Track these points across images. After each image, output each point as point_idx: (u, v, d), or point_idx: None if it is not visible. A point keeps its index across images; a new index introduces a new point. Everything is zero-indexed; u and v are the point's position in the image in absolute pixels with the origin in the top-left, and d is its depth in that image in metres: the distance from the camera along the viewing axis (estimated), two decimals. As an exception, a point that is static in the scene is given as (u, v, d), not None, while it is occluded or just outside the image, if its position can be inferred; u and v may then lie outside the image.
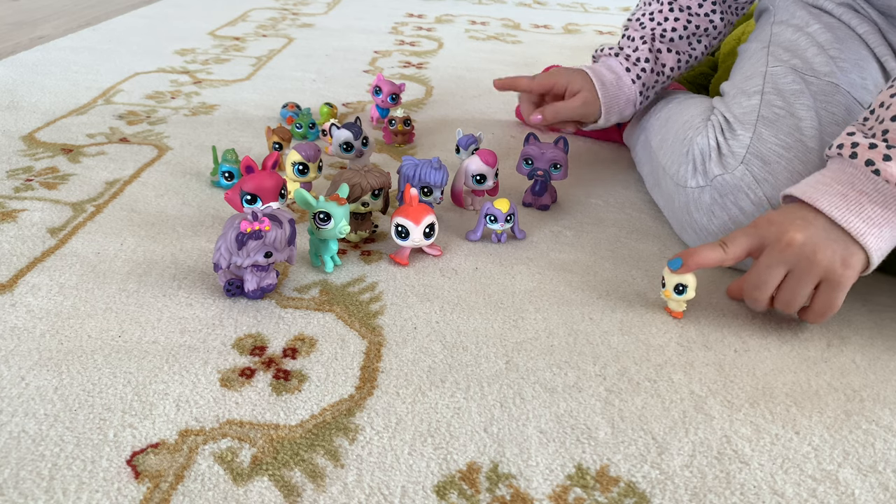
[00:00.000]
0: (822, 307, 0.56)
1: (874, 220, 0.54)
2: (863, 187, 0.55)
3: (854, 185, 0.55)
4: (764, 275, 0.56)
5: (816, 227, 0.55)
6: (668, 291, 0.59)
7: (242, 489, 0.41)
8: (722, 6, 0.82)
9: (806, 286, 0.55)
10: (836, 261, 0.54)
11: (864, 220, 0.54)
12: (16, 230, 0.67)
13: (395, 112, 0.93)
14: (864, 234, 0.54)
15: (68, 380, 0.48)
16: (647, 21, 0.83)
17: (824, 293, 0.55)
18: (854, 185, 0.55)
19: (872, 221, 0.54)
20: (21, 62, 1.19)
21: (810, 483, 0.44)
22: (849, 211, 0.54)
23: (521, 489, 0.42)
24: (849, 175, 0.55)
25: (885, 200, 0.54)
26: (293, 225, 0.57)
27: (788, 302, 0.56)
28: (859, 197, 0.55)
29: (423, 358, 0.53)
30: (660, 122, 0.83)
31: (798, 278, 0.55)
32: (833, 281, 0.55)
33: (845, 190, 0.55)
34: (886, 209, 0.54)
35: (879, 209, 0.54)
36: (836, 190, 0.55)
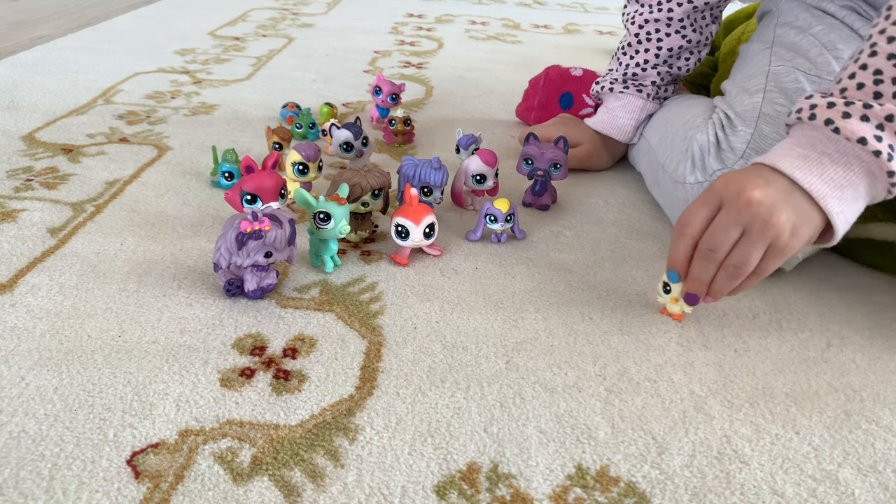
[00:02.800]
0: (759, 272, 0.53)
1: (836, 181, 0.52)
2: (824, 148, 0.53)
3: (815, 147, 0.53)
4: (721, 236, 0.53)
5: (776, 187, 0.52)
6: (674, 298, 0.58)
7: (242, 489, 0.41)
8: (692, 21, 0.83)
9: (758, 249, 0.52)
10: (787, 228, 0.51)
11: (826, 181, 0.52)
12: (16, 230, 0.67)
13: (395, 112, 0.92)
14: (826, 197, 0.51)
15: (68, 380, 0.48)
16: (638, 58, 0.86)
17: (766, 259, 0.53)
18: (815, 146, 0.53)
19: (834, 183, 0.52)
20: (21, 62, 1.19)
21: (810, 483, 0.44)
22: (810, 172, 0.52)
23: (521, 489, 0.42)
24: (809, 138, 0.53)
25: (846, 161, 0.52)
26: (293, 225, 0.57)
27: (741, 264, 0.53)
28: (821, 158, 0.52)
29: (423, 358, 0.53)
30: (660, 121, 0.83)
31: (752, 241, 0.52)
32: (778, 248, 0.52)
33: (806, 152, 0.53)
34: (848, 170, 0.52)
35: (841, 170, 0.52)
36: (798, 153, 0.53)
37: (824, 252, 0.72)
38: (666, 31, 0.83)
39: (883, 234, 0.67)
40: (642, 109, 0.85)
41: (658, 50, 0.84)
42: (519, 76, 1.29)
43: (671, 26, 0.83)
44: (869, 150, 0.51)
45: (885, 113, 0.51)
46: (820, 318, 0.61)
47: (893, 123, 0.51)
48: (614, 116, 0.86)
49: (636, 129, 0.86)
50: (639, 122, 0.86)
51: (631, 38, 0.86)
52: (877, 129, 0.51)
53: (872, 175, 0.52)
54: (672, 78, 0.86)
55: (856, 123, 0.52)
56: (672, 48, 0.83)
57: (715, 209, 0.54)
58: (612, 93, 0.87)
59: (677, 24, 0.82)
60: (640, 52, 0.85)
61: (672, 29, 0.83)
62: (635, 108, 0.85)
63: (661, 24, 0.83)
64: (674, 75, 0.85)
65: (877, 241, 0.68)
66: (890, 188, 0.53)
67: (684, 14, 0.82)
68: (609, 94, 0.88)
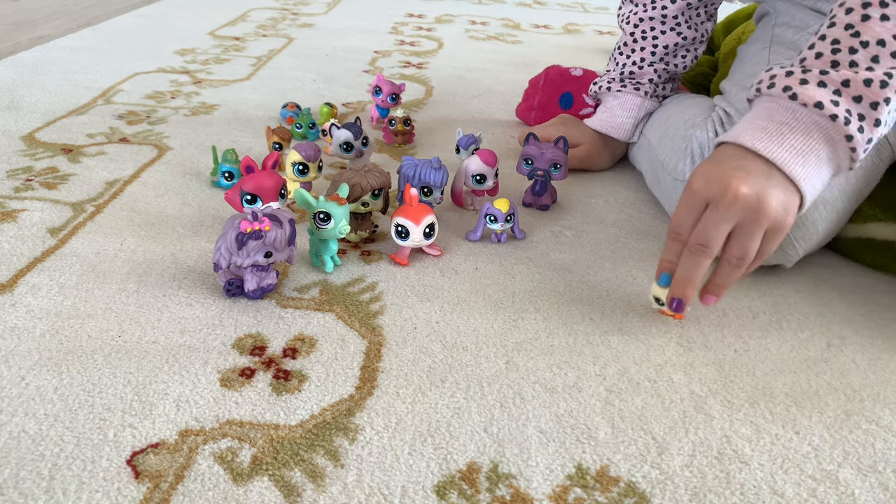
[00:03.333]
0: (761, 255, 0.54)
1: (797, 148, 0.52)
2: (782, 118, 0.53)
3: (773, 118, 0.53)
4: (709, 233, 0.53)
5: (756, 174, 0.52)
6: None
7: (242, 489, 0.41)
8: (686, 17, 0.84)
9: (757, 238, 0.53)
10: (780, 209, 0.52)
11: (787, 149, 0.52)
12: (16, 230, 0.67)
13: (395, 112, 0.92)
14: (788, 163, 0.52)
15: (68, 380, 0.48)
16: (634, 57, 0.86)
17: (766, 242, 0.53)
18: (773, 117, 0.53)
19: (796, 150, 0.52)
20: (21, 62, 1.19)
21: (810, 483, 0.44)
22: (771, 142, 0.52)
23: (521, 489, 0.42)
24: (767, 109, 0.54)
25: (805, 128, 0.52)
26: (293, 225, 0.57)
27: (742, 256, 0.53)
28: (780, 128, 0.53)
29: (423, 358, 0.53)
30: (660, 120, 0.83)
31: (749, 232, 0.52)
32: (775, 230, 0.52)
33: (765, 123, 0.53)
34: (807, 136, 0.52)
35: (801, 137, 0.52)
36: (757, 125, 0.54)
37: (824, 252, 0.72)
38: (661, 28, 0.83)
39: (883, 234, 0.67)
40: (640, 107, 0.85)
41: (654, 48, 0.84)
42: (519, 76, 1.29)
43: (666, 23, 0.83)
44: (825, 114, 0.52)
45: (842, 78, 0.52)
46: (820, 318, 0.61)
47: (850, 88, 0.52)
48: (613, 115, 0.86)
49: (635, 127, 0.86)
50: (637, 119, 0.86)
51: (627, 38, 0.86)
52: (834, 94, 0.52)
53: (832, 141, 0.52)
54: (669, 75, 0.86)
55: (812, 89, 0.52)
56: (668, 45, 0.84)
57: (702, 209, 0.53)
58: (609, 92, 0.87)
59: (672, 21, 0.83)
60: (637, 51, 0.85)
61: (667, 26, 0.83)
62: (633, 106, 0.85)
63: (655, 21, 0.83)
64: (671, 72, 0.86)
65: (877, 240, 0.68)
66: (852, 156, 0.53)
67: (678, 11, 0.82)
68: (607, 94, 0.88)
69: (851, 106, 0.51)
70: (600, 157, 0.88)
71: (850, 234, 0.69)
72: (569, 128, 0.88)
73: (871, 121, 0.52)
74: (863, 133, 0.52)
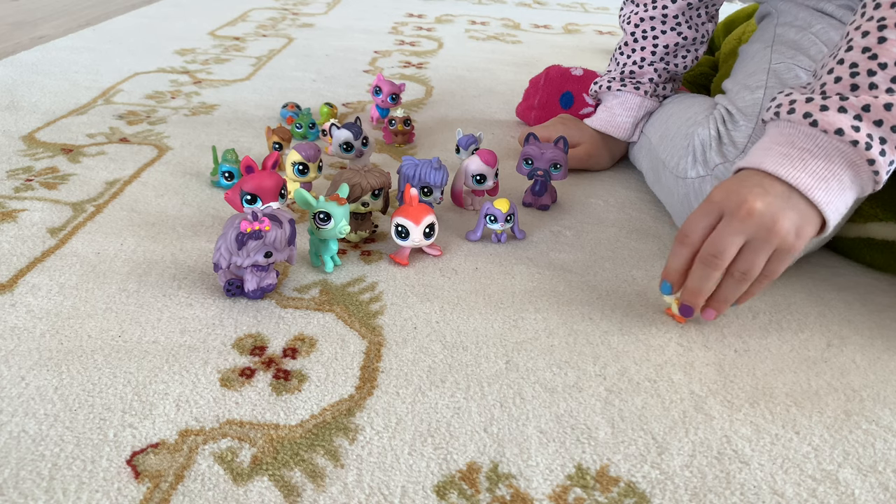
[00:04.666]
0: (767, 273, 0.54)
1: (819, 174, 0.53)
2: (803, 144, 0.53)
3: (794, 144, 0.54)
4: (722, 244, 0.53)
5: (774, 194, 0.53)
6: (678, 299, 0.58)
7: (242, 489, 0.41)
8: (687, 17, 0.84)
9: (763, 255, 0.53)
10: (792, 231, 0.53)
11: (810, 174, 0.53)
12: (16, 230, 0.67)
13: (395, 112, 0.92)
14: (812, 189, 0.52)
15: (68, 380, 0.48)
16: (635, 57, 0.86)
17: (773, 262, 0.54)
18: (794, 143, 0.54)
19: (818, 176, 0.53)
20: (21, 62, 1.19)
21: (810, 483, 0.44)
22: (793, 167, 0.53)
23: (521, 489, 0.42)
24: (787, 135, 0.54)
25: (826, 154, 0.53)
26: (293, 225, 0.57)
27: (746, 271, 0.54)
28: (801, 154, 0.53)
29: (423, 358, 0.53)
30: (661, 119, 0.83)
31: (757, 249, 0.53)
32: (784, 251, 0.53)
33: (786, 150, 0.54)
34: (829, 162, 0.53)
35: (822, 163, 0.53)
36: (778, 151, 0.54)
37: (824, 252, 0.72)
38: (661, 28, 0.83)
39: (883, 234, 0.67)
40: (640, 106, 0.85)
41: (654, 47, 0.84)
42: (519, 76, 1.29)
43: (666, 23, 0.83)
44: (846, 140, 0.52)
45: (862, 103, 0.52)
46: (820, 318, 0.61)
47: (870, 113, 0.52)
48: (612, 114, 0.86)
49: (634, 127, 0.86)
50: (637, 119, 0.86)
51: (627, 38, 0.87)
52: (854, 119, 0.52)
53: (855, 166, 0.53)
54: (669, 75, 0.86)
55: (833, 115, 0.53)
56: (668, 45, 0.84)
57: (716, 219, 0.54)
58: (609, 91, 0.87)
59: (672, 20, 0.83)
60: (637, 51, 0.85)
61: (667, 26, 0.83)
62: (633, 106, 0.85)
63: (656, 21, 0.84)
64: (671, 72, 0.86)
65: (877, 240, 0.68)
66: (875, 178, 0.53)
67: (679, 11, 0.83)
68: (607, 93, 0.88)
69: (872, 130, 0.52)
70: (600, 157, 0.88)
71: (850, 234, 0.69)
72: (568, 128, 0.88)
73: (892, 144, 0.52)
74: (885, 156, 0.52)
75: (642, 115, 0.86)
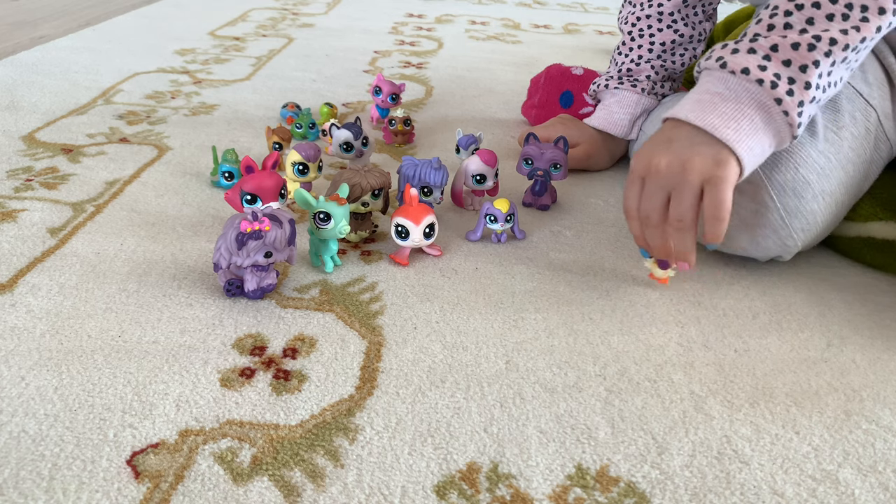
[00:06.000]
0: (711, 209, 0.55)
1: (728, 114, 0.53)
2: (716, 89, 0.55)
3: (709, 90, 0.55)
4: (646, 206, 0.57)
5: (680, 140, 0.55)
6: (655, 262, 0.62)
7: (242, 489, 0.41)
8: (683, 15, 0.84)
9: (688, 198, 0.55)
10: (708, 163, 0.53)
11: (718, 115, 0.54)
12: (16, 230, 0.67)
13: (395, 112, 0.92)
14: (719, 128, 0.53)
15: (68, 380, 0.48)
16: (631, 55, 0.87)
17: (709, 196, 0.54)
18: (709, 89, 0.55)
19: (727, 116, 0.53)
20: (21, 62, 1.19)
21: (810, 483, 0.44)
22: (703, 112, 0.54)
23: (521, 489, 0.42)
24: (705, 82, 0.56)
25: (736, 96, 0.54)
26: (293, 225, 0.57)
27: (679, 218, 0.55)
28: (712, 98, 0.55)
29: (423, 358, 0.53)
30: (659, 116, 0.83)
31: (678, 195, 0.55)
32: (712, 182, 0.54)
33: (699, 96, 0.55)
34: (738, 103, 0.53)
35: (732, 104, 0.54)
36: (693, 98, 0.56)
37: (824, 252, 0.72)
38: (658, 26, 0.84)
39: (883, 233, 0.67)
40: (637, 104, 0.85)
41: (651, 45, 0.84)
42: (519, 76, 1.29)
43: (662, 21, 0.84)
44: (752, 79, 0.53)
45: (770, 43, 0.53)
46: (820, 318, 0.61)
47: (778, 53, 0.52)
48: (610, 112, 0.87)
49: (632, 124, 0.86)
50: (634, 115, 0.86)
51: (625, 38, 0.87)
52: (763, 59, 0.53)
53: (764, 106, 0.53)
54: (667, 73, 0.86)
55: (741, 56, 0.54)
56: (665, 42, 0.84)
57: (640, 187, 0.58)
58: (607, 89, 0.87)
59: (668, 18, 0.83)
60: (634, 49, 0.86)
61: (664, 24, 0.84)
62: (630, 103, 0.85)
63: (652, 19, 0.84)
64: (669, 70, 0.86)
65: (877, 240, 0.68)
66: (787, 120, 0.54)
67: (675, 8, 0.83)
68: (605, 92, 0.88)
69: (781, 70, 0.52)
70: (599, 156, 0.88)
71: (850, 233, 0.69)
72: (568, 128, 0.88)
73: (801, 84, 0.52)
74: (793, 96, 0.52)
75: (640, 112, 0.86)
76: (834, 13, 0.53)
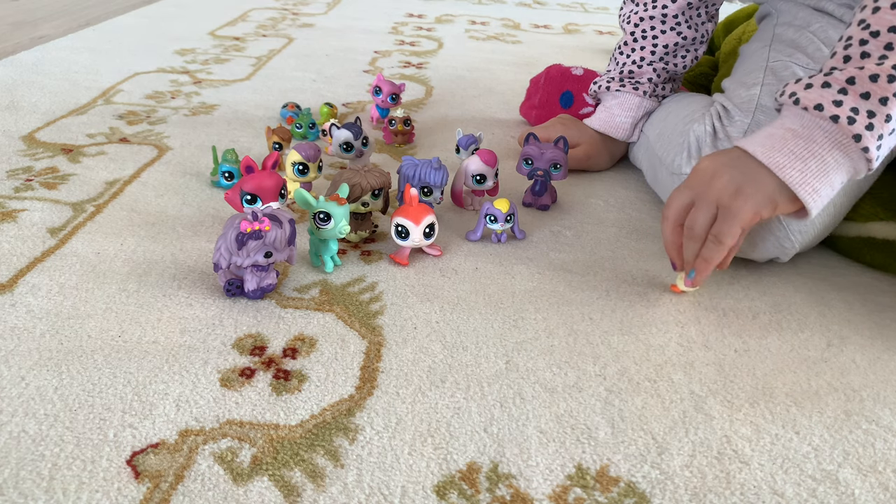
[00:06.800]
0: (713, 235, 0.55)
1: (796, 153, 0.52)
2: (791, 125, 0.54)
3: (784, 125, 0.54)
4: (694, 216, 0.56)
5: (744, 169, 0.54)
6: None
7: (242, 489, 0.41)
8: (686, 17, 0.84)
9: (702, 212, 0.55)
10: (729, 188, 0.53)
11: (786, 154, 0.53)
12: (16, 230, 0.67)
13: (395, 112, 0.92)
14: (784, 167, 0.52)
15: (68, 380, 0.48)
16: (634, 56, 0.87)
17: (717, 222, 0.55)
18: (784, 124, 0.54)
19: (795, 155, 0.52)
20: (21, 62, 1.19)
21: (810, 483, 0.44)
22: (772, 148, 0.53)
23: (521, 489, 0.42)
24: (781, 117, 0.55)
25: (809, 133, 0.52)
26: (293, 225, 0.57)
27: (690, 227, 0.56)
28: (785, 133, 0.54)
29: (423, 358, 0.53)
30: (659, 117, 0.83)
31: (698, 205, 0.55)
32: (723, 209, 0.54)
33: (773, 130, 0.55)
34: (810, 141, 0.52)
35: (803, 142, 0.53)
36: (766, 132, 0.55)
37: (824, 252, 0.72)
38: (661, 28, 0.83)
39: (884, 234, 0.67)
40: (639, 107, 0.85)
41: (654, 47, 0.84)
42: (519, 76, 1.29)
43: (666, 23, 0.83)
44: (825, 115, 0.51)
45: (847, 76, 0.51)
46: (820, 318, 0.61)
47: (855, 86, 0.50)
48: (612, 115, 0.86)
49: (633, 127, 0.86)
50: (636, 119, 0.86)
51: (627, 37, 0.86)
52: (838, 93, 0.51)
53: (840, 144, 0.52)
54: (669, 75, 0.86)
55: (815, 92, 0.52)
56: (667, 45, 0.84)
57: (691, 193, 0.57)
58: (609, 91, 0.87)
59: (672, 20, 0.83)
60: (637, 50, 0.85)
61: (667, 26, 0.83)
62: (632, 106, 0.85)
63: (655, 21, 0.83)
64: (670, 72, 0.85)
65: (877, 240, 0.68)
66: (866, 156, 0.52)
67: (678, 10, 0.83)
68: (606, 93, 0.88)
69: (858, 103, 0.50)
70: (599, 157, 0.88)
71: (850, 234, 0.69)
72: (568, 128, 0.88)
73: (881, 117, 0.50)
74: (872, 130, 0.50)
75: (641, 115, 0.86)
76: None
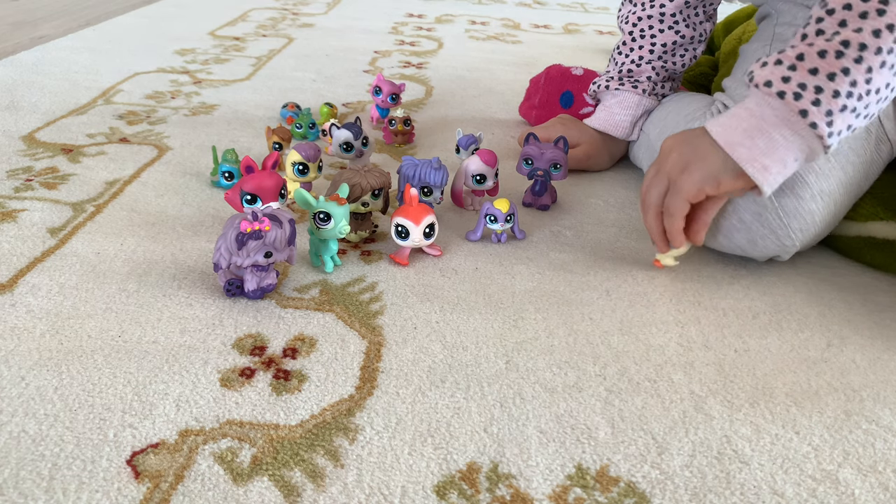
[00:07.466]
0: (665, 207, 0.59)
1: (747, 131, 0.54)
2: (748, 103, 0.55)
3: (744, 104, 0.56)
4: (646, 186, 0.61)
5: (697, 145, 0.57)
6: None
7: (242, 489, 0.41)
8: (684, 16, 0.84)
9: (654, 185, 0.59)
10: (679, 164, 0.56)
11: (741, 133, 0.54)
12: (16, 230, 0.67)
13: (395, 112, 0.92)
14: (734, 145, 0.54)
15: (68, 380, 0.48)
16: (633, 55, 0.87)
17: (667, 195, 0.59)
18: (744, 104, 0.56)
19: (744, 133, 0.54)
20: (21, 62, 1.19)
21: (810, 483, 0.44)
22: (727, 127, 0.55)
23: (521, 489, 0.42)
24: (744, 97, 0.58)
25: (761, 111, 0.54)
26: (293, 225, 0.57)
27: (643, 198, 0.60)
28: (740, 113, 0.55)
29: (423, 358, 0.53)
30: (659, 116, 0.83)
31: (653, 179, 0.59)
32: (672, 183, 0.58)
33: (735, 110, 0.56)
34: (761, 119, 0.54)
35: (755, 120, 0.54)
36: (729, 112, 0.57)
37: (824, 252, 0.72)
38: (659, 27, 0.84)
39: (884, 233, 0.67)
40: (638, 105, 0.85)
41: (652, 46, 0.84)
42: (519, 76, 1.29)
43: (664, 22, 0.83)
44: (773, 92, 0.52)
45: (797, 52, 0.51)
46: (820, 318, 0.61)
47: (804, 62, 0.51)
48: (611, 113, 0.86)
49: (633, 125, 0.86)
50: (635, 117, 0.86)
51: (626, 37, 0.87)
52: (788, 70, 0.52)
53: (787, 121, 0.52)
54: (668, 74, 0.86)
55: (767, 69, 0.53)
56: (666, 43, 0.84)
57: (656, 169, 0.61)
58: (608, 90, 0.87)
59: (670, 19, 0.83)
60: (635, 50, 0.85)
61: (665, 25, 0.83)
62: (631, 104, 0.85)
63: (654, 20, 0.84)
64: (669, 71, 0.86)
65: (877, 239, 0.68)
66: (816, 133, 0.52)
67: (676, 9, 0.83)
68: (606, 92, 0.88)
69: (807, 79, 0.51)
70: (599, 157, 0.88)
71: (850, 233, 0.69)
72: (568, 128, 0.88)
73: (829, 92, 0.50)
74: (819, 106, 0.51)
75: (640, 113, 0.86)
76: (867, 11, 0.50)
